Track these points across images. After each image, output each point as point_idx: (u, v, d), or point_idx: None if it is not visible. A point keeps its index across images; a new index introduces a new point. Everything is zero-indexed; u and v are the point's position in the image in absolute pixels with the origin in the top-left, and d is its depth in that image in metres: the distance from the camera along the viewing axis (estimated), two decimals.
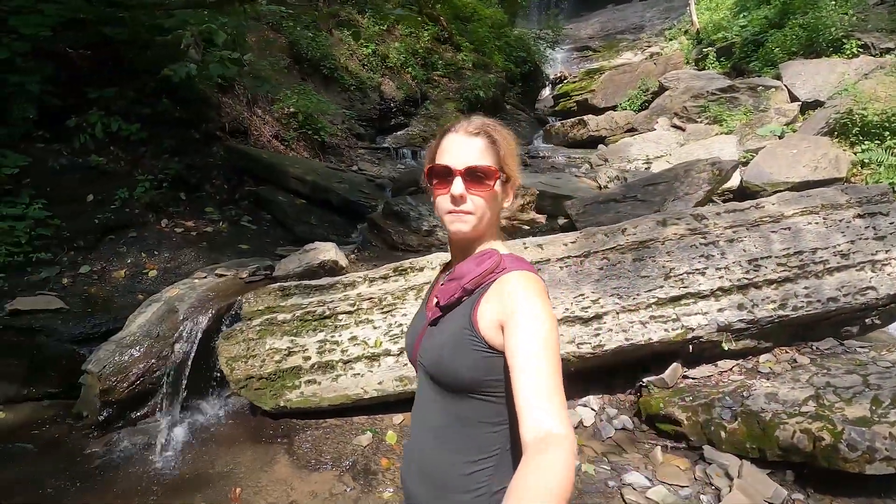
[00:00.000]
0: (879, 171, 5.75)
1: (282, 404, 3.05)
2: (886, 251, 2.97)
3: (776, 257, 3.04)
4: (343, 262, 3.86)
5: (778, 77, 9.64)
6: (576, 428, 3.03)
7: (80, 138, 4.58)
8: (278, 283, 3.41)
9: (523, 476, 0.71)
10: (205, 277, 3.70)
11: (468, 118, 1.08)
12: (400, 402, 3.14)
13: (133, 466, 2.80)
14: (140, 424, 3.08)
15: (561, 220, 5.16)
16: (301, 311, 3.26)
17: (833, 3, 10.10)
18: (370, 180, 6.14)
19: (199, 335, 3.20)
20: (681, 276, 3.06)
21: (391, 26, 12.76)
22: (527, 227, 4.47)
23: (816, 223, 3.13)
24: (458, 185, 0.99)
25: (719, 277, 3.05)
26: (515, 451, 0.96)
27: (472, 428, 1.01)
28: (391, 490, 2.55)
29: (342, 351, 3.15)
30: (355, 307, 3.27)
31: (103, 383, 2.97)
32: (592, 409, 3.18)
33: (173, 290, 3.47)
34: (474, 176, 1.00)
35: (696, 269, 3.06)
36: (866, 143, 6.25)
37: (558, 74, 21.06)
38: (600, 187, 6.22)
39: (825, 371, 2.78)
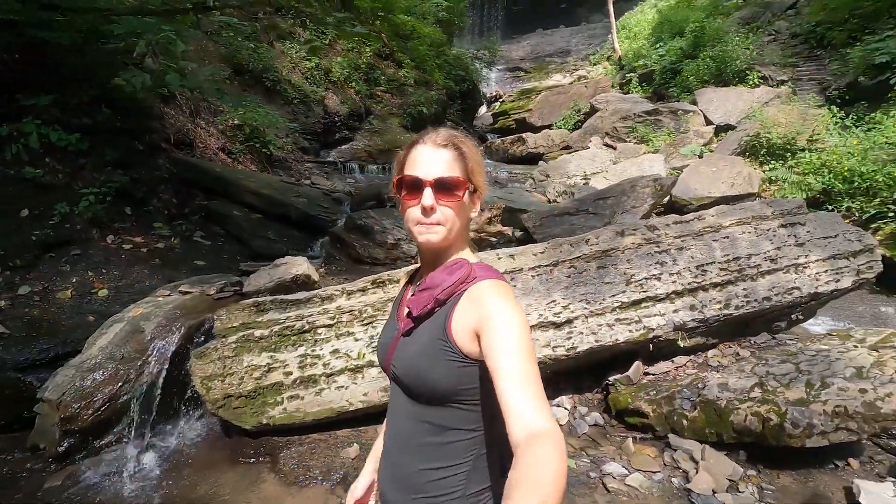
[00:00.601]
0: (785, 186, 6.58)
1: (264, 422, 2.98)
2: (805, 256, 3.46)
3: (719, 263, 3.43)
4: (315, 276, 3.84)
5: (694, 102, 10.72)
6: None
7: (13, 149, 4.22)
8: (252, 299, 3.34)
9: (523, 470, 0.73)
10: (168, 295, 3.53)
11: (436, 130, 1.08)
12: (385, 413, 3.17)
13: (101, 497, 2.62)
14: (105, 453, 2.87)
15: (518, 233, 5.43)
16: (279, 326, 3.22)
17: (737, 38, 11.41)
18: (327, 194, 6.11)
19: (170, 355, 3.05)
20: (640, 282, 3.36)
21: (332, 40, 12.75)
22: (494, 240, 4.68)
23: (749, 232, 3.58)
24: (427, 197, 1.00)
25: (673, 282, 3.39)
26: (491, 454, 1.02)
27: (446, 435, 1.01)
28: None
29: (324, 364, 3.15)
30: (335, 320, 3.28)
31: (63, 411, 2.75)
32: (565, 409, 3.39)
33: (137, 310, 3.29)
34: (443, 187, 1.01)
35: (653, 275, 3.38)
36: (773, 162, 7.12)
37: (493, 93, 21.93)
38: (549, 201, 6.60)
39: (764, 362, 3.17)
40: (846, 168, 5.88)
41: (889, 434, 2.88)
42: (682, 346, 3.37)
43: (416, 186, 1.02)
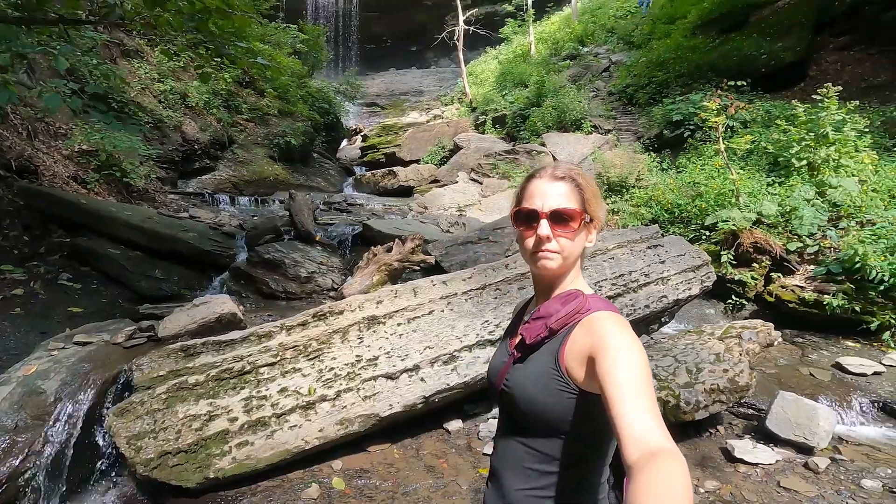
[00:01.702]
0: (625, 216, 8.02)
1: (211, 476, 2.71)
2: (668, 270, 4.37)
3: (609, 279, 4.15)
4: (240, 315, 3.60)
5: (543, 144, 12.36)
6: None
7: None
8: (179, 343, 3.04)
9: (647, 485, 0.69)
10: (63, 348, 3.00)
11: (554, 164, 1.12)
12: (339, 447, 3.13)
13: None
14: None
15: (423, 265, 5.71)
16: (216, 369, 2.98)
17: (572, 92, 13.56)
18: (215, 228, 5.65)
19: (82, 416, 2.62)
20: None
21: (187, 63, 11.81)
22: (417, 269, 4.87)
23: (627, 253, 4.39)
24: (544, 227, 1.03)
25: None
26: (592, 487, 1.06)
27: (550, 465, 1.03)
28: None
29: (273, 405, 2.99)
30: (278, 358, 3.15)
31: None
32: None
33: (29, 367, 2.74)
34: (559, 218, 1.03)
35: None
36: (613, 196, 8.62)
37: (353, 127, 22.24)
38: (444, 231, 7.04)
39: (651, 357, 3.91)
40: (668, 201, 7.47)
41: (739, 403, 3.77)
42: None
43: (532, 218, 1.05)
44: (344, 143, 20.31)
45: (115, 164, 6.65)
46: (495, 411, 3.82)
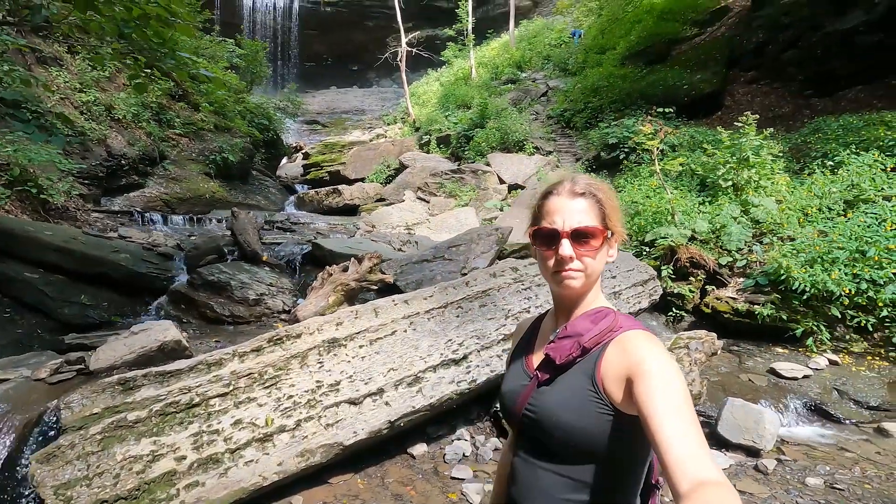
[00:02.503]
0: None
1: None
2: (619, 284, 4.54)
3: None
4: (185, 342, 3.32)
5: (488, 164, 12.64)
6: (461, 459, 3.42)
7: None
8: (117, 376, 2.73)
9: None
10: None
11: (572, 178, 1.07)
12: (300, 481, 2.93)
13: None
14: None
15: (380, 284, 5.58)
16: (160, 403, 2.71)
17: (514, 114, 14.03)
18: (149, 249, 5.22)
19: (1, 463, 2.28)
20: (516, 314, 3.91)
21: (113, 73, 11.07)
22: (373, 289, 4.72)
23: None
24: (566, 247, 0.99)
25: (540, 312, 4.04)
26: None
27: (586, 493, 0.97)
28: None
29: (226, 439, 2.75)
30: (231, 387, 2.91)
31: None
32: (466, 440, 3.64)
33: None
34: (581, 236, 1.00)
35: (525, 308, 3.97)
36: None
37: (294, 145, 21.74)
38: (396, 249, 6.92)
39: None
40: None
41: None
42: None
43: (552, 237, 1.01)
44: (284, 160, 19.74)
45: (30, 180, 6.02)
46: (460, 432, 3.75)
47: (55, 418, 2.54)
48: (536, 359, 1.12)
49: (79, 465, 2.41)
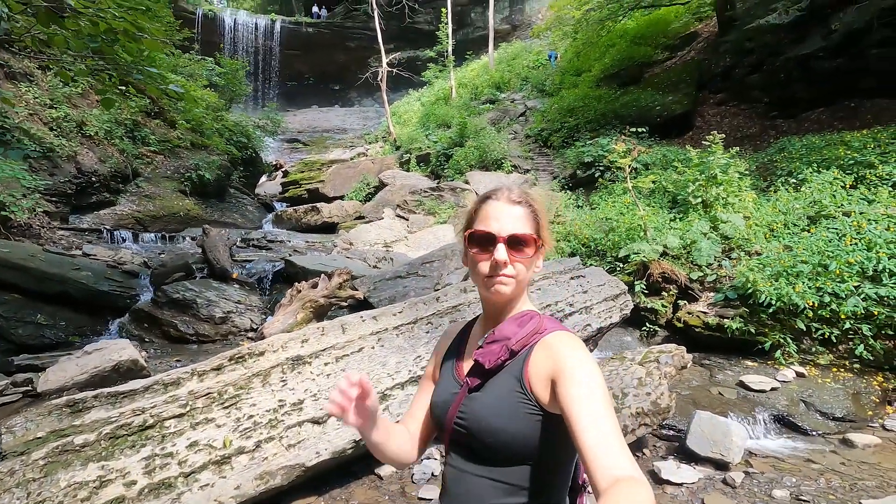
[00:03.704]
0: (547, 249, 8.36)
1: None
2: (591, 300, 4.56)
3: (537, 309, 4.24)
4: (143, 361, 3.21)
5: (467, 182, 12.73)
6: (429, 479, 3.34)
7: None
8: (65, 398, 2.62)
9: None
10: None
11: (509, 186, 1.09)
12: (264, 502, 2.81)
13: None
14: None
15: (351, 300, 5.51)
16: (111, 426, 2.59)
17: (493, 133, 14.22)
18: (113, 266, 5.07)
19: None
20: None
21: (87, 90, 10.93)
22: (344, 305, 4.65)
23: (552, 284, 4.54)
24: (501, 252, 1.00)
25: None
26: None
27: (521, 495, 0.98)
28: None
29: (180, 462, 2.64)
30: (188, 408, 2.82)
31: None
32: (436, 459, 3.56)
33: None
34: (516, 243, 1.02)
35: None
36: None
37: (274, 163, 21.63)
38: (371, 266, 6.87)
39: None
40: (585, 236, 7.92)
41: (661, 425, 3.93)
42: None
43: (488, 241, 1.02)
44: (263, 178, 19.61)
45: None
46: (429, 451, 3.67)
47: None
48: (466, 365, 1.11)
49: (18, 493, 2.28)
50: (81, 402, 2.62)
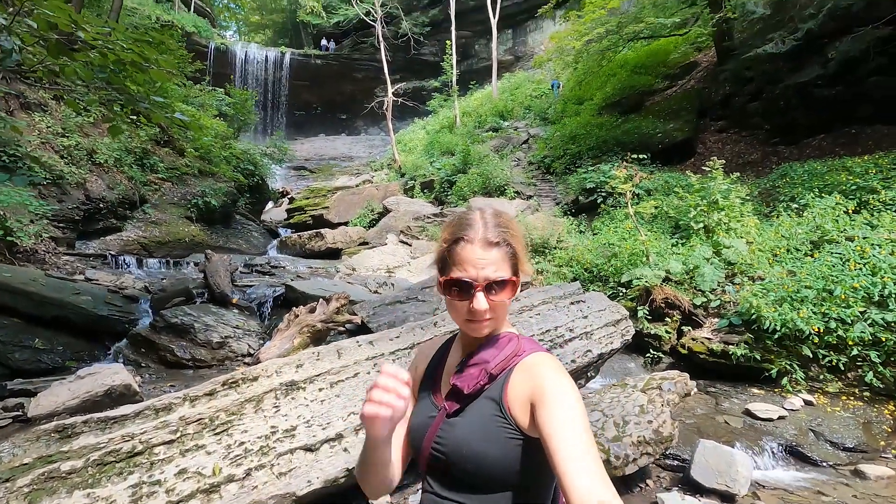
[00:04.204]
0: (549, 276, 8.33)
1: None
2: (591, 325, 4.50)
3: (537, 335, 4.18)
4: (136, 386, 3.18)
5: (470, 208, 12.81)
6: None
7: None
8: (55, 423, 2.59)
9: None
10: None
11: (484, 222, 1.01)
12: None
13: None
14: None
15: (349, 325, 5.48)
16: (99, 452, 2.55)
17: (496, 160, 14.38)
18: (114, 291, 5.09)
19: None
20: None
21: (98, 120, 11.21)
22: (342, 330, 4.62)
23: (552, 309, 4.49)
24: (480, 301, 0.97)
25: None
26: None
27: None
28: None
29: (168, 491, 2.58)
30: (178, 434, 2.77)
31: None
32: None
33: None
34: (496, 287, 0.98)
35: None
36: (537, 257, 8.98)
37: (280, 189, 21.93)
38: (372, 292, 6.86)
39: None
40: (587, 261, 7.90)
41: (665, 455, 3.83)
42: None
43: (465, 288, 0.98)
44: (270, 205, 19.85)
45: None
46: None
47: None
48: (444, 389, 1.09)
49: None
50: (71, 428, 2.59)
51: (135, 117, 5.17)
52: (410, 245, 12.00)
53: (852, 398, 4.55)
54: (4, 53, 3.69)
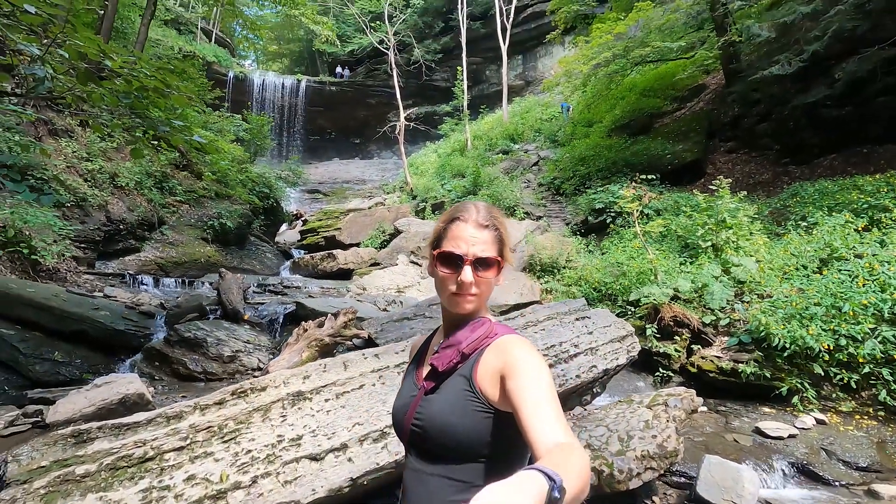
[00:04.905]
0: (557, 294, 8.35)
1: None
2: (596, 341, 4.52)
3: (542, 350, 4.21)
4: (149, 395, 3.29)
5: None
6: None
7: None
8: (70, 428, 2.70)
9: (563, 458, 0.75)
10: None
11: (477, 208, 1.15)
12: None
13: None
14: None
15: (356, 340, 5.56)
16: (112, 457, 2.65)
17: (506, 182, 14.54)
18: (131, 307, 5.26)
19: None
20: None
21: (121, 145, 11.67)
22: (350, 344, 4.70)
23: (557, 325, 4.53)
24: (467, 273, 1.07)
25: None
26: None
27: (472, 492, 0.91)
28: None
29: (176, 496, 2.65)
30: (188, 441, 2.86)
31: None
32: None
33: None
34: (482, 265, 1.09)
35: None
36: (546, 276, 9.02)
37: (294, 212, 22.34)
38: (381, 309, 6.95)
39: (584, 428, 3.90)
40: (596, 280, 7.91)
41: (671, 471, 3.79)
42: None
43: (455, 262, 1.09)
44: (284, 227, 20.21)
45: (24, 241, 6.19)
46: None
47: (2, 471, 2.47)
48: (425, 371, 1.18)
49: None
50: (86, 433, 2.69)
51: (156, 142, 5.44)
52: (421, 265, 12.10)
53: (866, 417, 4.46)
54: (37, 81, 3.95)
